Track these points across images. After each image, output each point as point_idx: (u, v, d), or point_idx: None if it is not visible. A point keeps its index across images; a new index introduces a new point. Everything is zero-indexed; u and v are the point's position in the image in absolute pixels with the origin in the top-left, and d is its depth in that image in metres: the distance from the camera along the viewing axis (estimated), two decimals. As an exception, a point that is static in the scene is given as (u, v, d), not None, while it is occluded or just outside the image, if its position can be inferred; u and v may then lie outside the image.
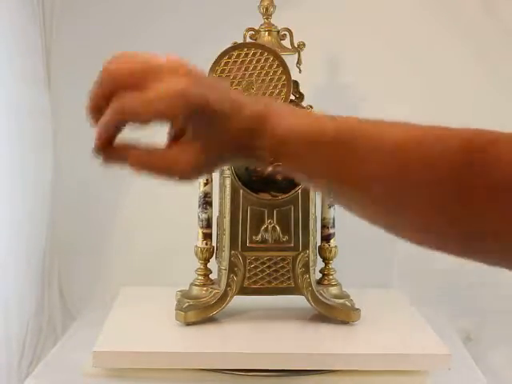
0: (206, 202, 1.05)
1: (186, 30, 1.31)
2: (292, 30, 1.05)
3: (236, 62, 0.98)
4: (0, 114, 1.10)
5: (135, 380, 0.95)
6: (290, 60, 1.03)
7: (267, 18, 1.05)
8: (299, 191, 1.03)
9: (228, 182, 1.03)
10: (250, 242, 1.03)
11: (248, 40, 1.04)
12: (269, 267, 1.03)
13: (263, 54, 0.99)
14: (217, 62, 0.98)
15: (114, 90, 0.60)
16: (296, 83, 1.05)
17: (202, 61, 1.00)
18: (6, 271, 1.12)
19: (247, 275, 1.03)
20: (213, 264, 1.07)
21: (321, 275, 1.08)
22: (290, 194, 1.03)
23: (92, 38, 1.31)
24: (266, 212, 1.03)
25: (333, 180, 0.61)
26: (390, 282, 1.33)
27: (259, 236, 1.03)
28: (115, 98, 0.60)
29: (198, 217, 1.06)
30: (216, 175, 1.06)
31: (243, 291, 1.04)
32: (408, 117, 1.38)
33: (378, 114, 1.40)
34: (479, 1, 1.30)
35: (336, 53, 1.29)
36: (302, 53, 1.05)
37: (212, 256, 1.07)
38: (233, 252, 1.03)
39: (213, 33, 1.27)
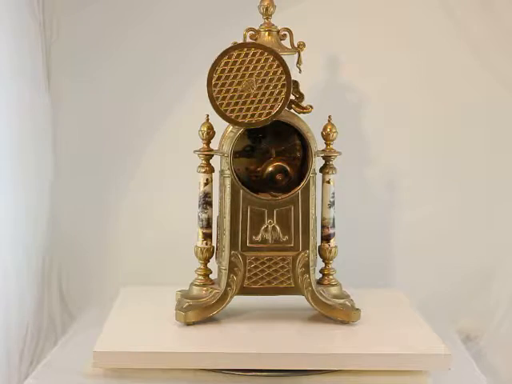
0: (206, 201, 1.05)
1: (185, 29, 1.31)
2: (292, 30, 1.05)
3: (236, 61, 0.98)
4: (0, 113, 1.10)
5: (135, 380, 0.95)
6: (290, 60, 1.03)
7: (267, 18, 1.05)
8: (299, 191, 1.03)
9: (228, 181, 1.03)
10: (250, 242, 1.03)
11: (248, 40, 1.04)
12: (269, 267, 1.03)
13: (263, 54, 0.99)
14: (217, 62, 0.98)
15: None
16: (296, 83, 1.05)
17: (202, 61, 1.01)
18: (6, 271, 1.12)
19: (247, 275, 1.03)
20: (213, 264, 1.07)
21: (321, 275, 1.08)
22: (290, 193, 1.03)
23: (92, 37, 1.31)
24: (266, 212, 1.03)
25: None
26: (390, 281, 1.33)
27: (259, 236, 1.03)
28: None
29: (198, 217, 1.06)
30: (216, 175, 1.06)
31: (243, 291, 1.04)
32: (408, 117, 1.40)
33: (378, 114, 1.41)
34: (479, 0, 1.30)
35: (336, 53, 1.29)
36: (302, 53, 1.05)
37: (212, 256, 1.07)
38: (233, 252, 1.03)
39: (213, 33, 1.27)
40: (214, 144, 1.06)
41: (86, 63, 1.32)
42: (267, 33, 1.04)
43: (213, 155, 1.05)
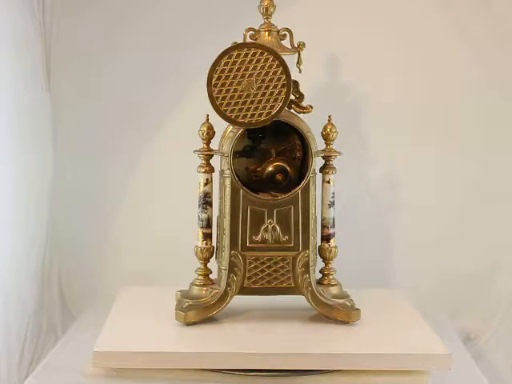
0: (206, 201, 1.05)
1: (185, 30, 1.31)
2: (292, 30, 1.05)
3: (236, 61, 0.98)
4: (0, 113, 1.10)
5: (135, 380, 0.95)
6: (290, 60, 1.03)
7: (267, 18, 1.05)
8: (299, 191, 1.03)
9: (228, 181, 1.03)
10: (250, 242, 1.03)
11: (248, 40, 1.04)
12: (269, 267, 1.03)
13: (263, 54, 0.99)
14: (217, 62, 0.98)
15: None
16: (296, 83, 1.05)
17: (202, 61, 1.01)
18: (6, 271, 1.12)
19: (247, 275, 1.03)
20: (213, 264, 1.07)
21: (321, 275, 1.08)
22: (290, 193, 1.03)
23: (92, 37, 1.31)
24: (266, 212, 1.03)
25: None
26: (390, 282, 1.33)
27: (259, 236, 1.03)
28: None
29: (198, 217, 1.06)
30: (216, 175, 1.06)
31: (243, 291, 1.03)
32: (408, 117, 1.40)
33: (378, 114, 1.41)
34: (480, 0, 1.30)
35: (336, 53, 1.29)
36: (301, 53, 1.05)
37: (212, 256, 1.07)
38: (233, 252, 1.03)
39: (213, 33, 1.27)
40: (214, 144, 1.06)
41: (85, 63, 1.32)
42: (267, 33, 1.04)
43: (213, 155, 1.05)
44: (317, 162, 1.04)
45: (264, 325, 1.04)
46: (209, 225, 1.06)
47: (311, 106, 1.06)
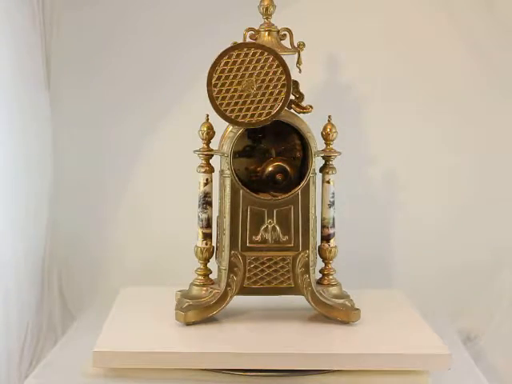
0: (205, 201, 1.05)
1: (185, 29, 1.31)
2: (292, 30, 1.05)
3: (236, 61, 0.98)
4: (0, 113, 1.10)
5: (135, 380, 0.95)
6: (290, 60, 1.03)
7: (267, 18, 1.05)
8: (299, 191, 1.03)
9: (228, 181, 1.03)
10: (249, 242, 1.03)
11: (248, 40, 1.04)
12: (269, 267, 1.03)
13: (263, 54, 0.99)
14: (217, 62, 0.98)
15: None
16: (296, 83, 1.05)
17: (202, 61, 1.01)
18: (6, 271, 1.12)
19: (247, 275, 1.03)
20: (213, 264, 1.07)
21: (321, 275, 1.08)
22: (290, 193, 1.03)
23: (92, 37, 1.31)
24: (266, 212, 1.03)
25: None
26: (390, 282, 1.33)
27: (259, 236, 1.03)
28: None
29: (198, 217, 1.06)
30: (216, 175, 1.06)
31: (243, 291, 1.03)
32: (408, 116, 1.40)
33: (378, 114, 1.41)
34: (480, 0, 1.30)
35: (336, 53, 1.29)
36: (301, 53, 1.05)
37: (212, 256, 1.07)
38: (233, 252, 1.03)
39: (213, 33, 1.27)
40: (214, 144, 1.06)
41: (85, 63, 1.32)
42: (267, 33, 1.04)
43: (213, 155, 1.05)
44: (317, 162, 1.04)
45: (264, 325, 1.04)
46: (209, 225, 1.06)
47: (311, 106, 1.06)
